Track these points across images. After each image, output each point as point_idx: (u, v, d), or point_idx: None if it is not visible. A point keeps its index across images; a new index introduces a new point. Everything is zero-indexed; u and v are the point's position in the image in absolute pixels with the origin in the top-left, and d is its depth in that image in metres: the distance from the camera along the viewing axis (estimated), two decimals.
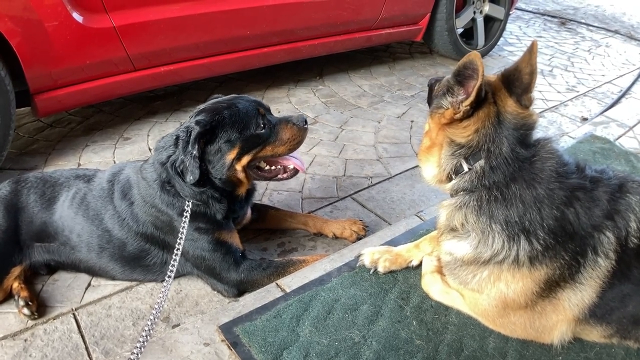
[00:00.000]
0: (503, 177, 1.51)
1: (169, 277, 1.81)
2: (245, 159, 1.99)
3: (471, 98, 1.45)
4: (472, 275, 1.63)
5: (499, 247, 1.52)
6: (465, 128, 1.53)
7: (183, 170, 1.92)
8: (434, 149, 1.63)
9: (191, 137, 1.86)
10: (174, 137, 1.99)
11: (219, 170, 1.97)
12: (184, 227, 1.91)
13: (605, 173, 1.61)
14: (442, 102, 1.55)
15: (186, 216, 1.94)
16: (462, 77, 1.48)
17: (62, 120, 3.59)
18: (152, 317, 1.65)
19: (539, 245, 1.49)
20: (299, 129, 2.06)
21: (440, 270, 1.84)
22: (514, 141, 1.50)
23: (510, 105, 1.52)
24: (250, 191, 2.23)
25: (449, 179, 1.61)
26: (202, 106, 2.05)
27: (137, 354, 1.55)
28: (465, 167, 1.55)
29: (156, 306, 1.69)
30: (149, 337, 1.60)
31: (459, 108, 1.50)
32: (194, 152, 1.86)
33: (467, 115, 1.51)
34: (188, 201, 1.96)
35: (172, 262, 1.85)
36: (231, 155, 1.95)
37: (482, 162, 1.52)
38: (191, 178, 1.88)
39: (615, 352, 1.65)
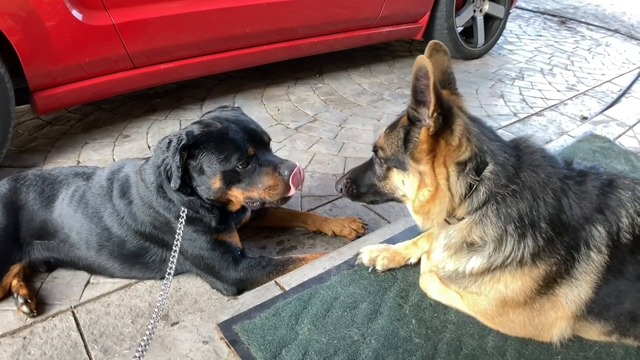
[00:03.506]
0: (513, 169, 1.51)
1: (168, 279, 1.81)
2: (236, 191, 1.95)
3: (432, 104, 1.36)
4: (473, 281, 1.63)
5: (509, 250, 1.52)
6: (458, 146, 1.47)
7: (170, 175, 1.92)
8: (440, 192, 1.52)
9: (178, 146, 1.86)
10: (168, 141, 1.99)
11: (205, 192, 1.95)
12: (179, 233, 1.91)
13: (595, 169, 1.62)
14: (413, 137, 1.49)
15: (181, 222, 1.94)
16: (420, 94, 1.40)
17: (61, 118, 3.59)
18: (154, 316, 1.65)
19: (541, 238, 1.49)
20: (283, 181, 1.94)
21: None
22: (492, 134, 1.55)
23: (463, 104, 1.56)
24: None
25: (461, 201, 1.53)
26: (206, 114, 2.04)
27: (142, 352, 1.54)
28: (476, 180, 1.50)
29: (158, 304, 1.70)
30: (150, 339, 1.60)
31: (427, 122, 1.42)
32: (177, 162, 1.86)
33: (441, 127, 1.42)
34: (182, 206, 1.97)
35: (169, 265, 1.85)
36: (216, 183, 1.93)
37: (490, 166, 1.50)
38: (172, 185, 1.89)
39: (615, 352, 1.64)
